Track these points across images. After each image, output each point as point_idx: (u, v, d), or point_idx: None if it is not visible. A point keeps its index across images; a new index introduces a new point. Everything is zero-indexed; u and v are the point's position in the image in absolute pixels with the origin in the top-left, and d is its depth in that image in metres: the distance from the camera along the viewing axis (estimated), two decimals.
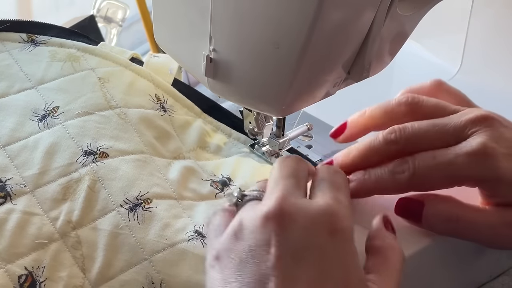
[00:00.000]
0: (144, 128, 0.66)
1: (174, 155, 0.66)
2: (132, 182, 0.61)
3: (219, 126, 0.72)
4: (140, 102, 0.68)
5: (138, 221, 0.59)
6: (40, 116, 0.64)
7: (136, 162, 0.63)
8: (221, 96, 0.62)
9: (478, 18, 0.86)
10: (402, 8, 0.58)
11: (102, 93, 0.67)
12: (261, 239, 0.48)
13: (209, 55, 0.58)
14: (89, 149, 0.62)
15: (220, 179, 0.66)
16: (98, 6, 0.93)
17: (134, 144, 0.64)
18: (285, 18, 0.52)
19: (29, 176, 0.60)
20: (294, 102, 0.59)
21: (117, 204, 0.59)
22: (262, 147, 0.69)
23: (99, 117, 0.64)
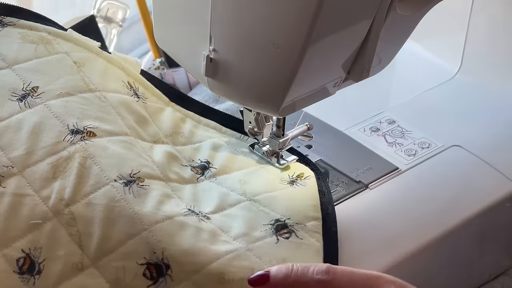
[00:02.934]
0: (125, 112, 0.66)
1: (153, 140, 0.67)
2: (123, 161, 0.61)
3: (188, 114, 0.72)
4: (116, 87, 0.68)
5: (134, 195, 0.58)
6: (20, 96, 0.63)
7: (123, 143, 0.62)
8: (221, 96, 0.62)
9: (478, 18, 0.86)
10: (402, 8, 0.58)
11: (80, 76, 0.66)
12: None
13: (209, 55, 0.58)
14: (76, 127, 0.61)
15: (199, 164, 0.66)
16: (98, 6, 0.93)
17: (118, 126, 0.64)
18: (285, 18, 0.52)
19: (16, 157, 0.59)
20: (294, 102, 0.59)
21: (111, 179, 0.59)
22: (262, 147, 0.69)
23: (81, 99, 0.64)
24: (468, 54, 0.88)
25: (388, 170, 0.73)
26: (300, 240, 0.60)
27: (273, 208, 0.62)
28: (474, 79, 0.87)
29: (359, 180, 0.71)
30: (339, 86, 0.62)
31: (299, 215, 0.62)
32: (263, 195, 0.64)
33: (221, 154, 0.68)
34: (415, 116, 0.82)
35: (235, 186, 0.65)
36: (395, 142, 0.78)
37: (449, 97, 0.86)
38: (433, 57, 0.91)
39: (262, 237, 0.59)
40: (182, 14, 0.60)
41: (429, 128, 0.80)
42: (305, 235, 0.60)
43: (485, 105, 0.84)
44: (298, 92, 0.58)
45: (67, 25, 0.83)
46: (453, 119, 0.83)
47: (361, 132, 0.79)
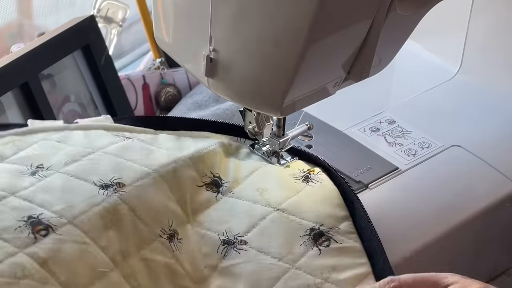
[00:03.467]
0: (130, 154, 0.65)
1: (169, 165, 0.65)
2: (159, 212, 0.60)
3: (181, 133, 0.71)
4: (105, 143, 0.67)
5: (179, 251, 0.59)
6: (30, 172, 0.62)
7: (152, 186, 0.62)
8: (221, 96, 0.62)
9: (478, 18, 0.86)
10: (402, 8, 0.58)
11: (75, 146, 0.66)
12: None
13: (209, 55, 0.58)
14: (103, 182, 0.60)
15: (212, 179, 0.66)
16: (98, 6, 0.93)
17: (135, 170, 0.63)
18: (285, 18, 0.52)
19: (59, 210, 0.57)
20: (294, 102, 0.59)
21: (156, 234, 0.59)
22: (262, 147, 0.69)
23: (87, 161, 0.63)
24: (468, 54, 0.88)
25: (388, 170, 0.73)
26: (340, 244, 0.61)
27: (303, 216, 0.63)
28: (474, 79, 0.87)
29: (359, 180, 0.72)
30: (339, 86, 0.62)
31: (330, 218, 0.63)
32: (287, 202, 0.64)
33: (229, 165, 0.68)
34: (415, 116, 0.82)
35: (256, 197, 0.65)
36: (395, 142, 0.78)
37: (449, 97, 0.86)
38: (433, 57, 0.91)
39: (304, 252, 0.60)
40: (182, 14, 0.60)
41: (429, 128, 0.80)
42: (342, 238, 0.62)
43: (485, 105, 0.85)
44: (298, 92, 0.58)
45: (67, 25, 0.83)
46: (453, 119, 0.83)
47: (361, 132, 0.79)
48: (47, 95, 0.82)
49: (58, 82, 0.85)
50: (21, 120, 0.80)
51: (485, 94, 0.86)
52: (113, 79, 0.89)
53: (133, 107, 0.92)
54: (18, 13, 1.13)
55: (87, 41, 0.85)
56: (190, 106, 0.92)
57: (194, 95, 0.94)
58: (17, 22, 1.13)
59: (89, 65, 0.87)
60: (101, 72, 0.87)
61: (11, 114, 0.79)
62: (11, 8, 1.11)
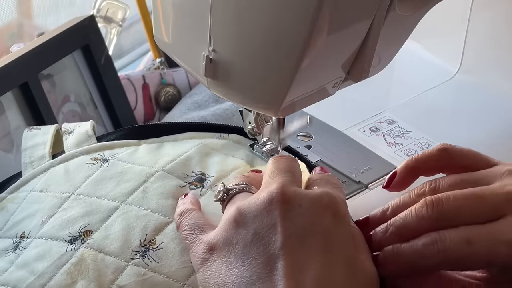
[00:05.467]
0: (100, 185, 0.64)
1: (141, 182, 0.64)
2: (128, 235, 0.60)
3: (163, 139, 0.70)
4: (80, 178, 0.67)
5: (156, 261, 0.58)
6: (14, 246, 0.63)
7: (120, 217, 0.61)
8: (221, 96, 0.62)
9: (478, 18, 0.86)
10: (402, 8, 0.58)
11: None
12: (266, 222, 0.51)
13: (208, 56, 0.58)
14: (71, 236, 0.60)
15: (196, 177, 0.65)
16: (98, 6, 0.93)
17: (104, 205, 0.62)
18: (285, 18, 0.52)
19: (31, 283, 0.58)
20: (293, 102, 0.59)
21: (127, 259, 0.58)
22: (262, 147, 0.69)
23: (61, 212, 0.62)
24: (468, 54, 0.88)
25: (388, 170, 0.73)
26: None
27: None
28: (474, 79, 0.87)
29: (359, 180, 0.72)
30: (339, 87, 0.62)
31: None
32: None
33: (212, 160, 0.67)
34: (415, 116, 0.82)
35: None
36: (395, 142, 0.78)
37: (449, 97, 0.86)
38: (433, 57, 0.91)
39: None
40: (181, 15, 0.60)
41: (429, 128, 0.80)
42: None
43: (485, 105, 0.85)
44: (297, 93, 0.58)
45: (67, 25, 0.83)
46: (453, 119, 0.83)
47: (361, 132, 0.79)
48: (47, 95, 0.82)
49: (58, 82, 0.85)
50: (21, 120, 0.80)
51: (485, 94, 0.86)
52: (113, 79, 0.89)
53: (133, 107, 0.92)
54: (18, 13, 1.13)
55: (87, 41, 0.85)
56: (190, 106, 0.92)
57: (194, 95, 0.94)
58: (17, 22, 1.13)
59: (89, 65, 0.87)
60: (101, 72, 0.87)
61: (11, 114, 0.79)
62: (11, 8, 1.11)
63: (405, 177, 0.57)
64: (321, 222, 0.51)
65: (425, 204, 0.51)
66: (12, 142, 0.79)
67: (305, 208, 0.51)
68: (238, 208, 0.53)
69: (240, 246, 0.51)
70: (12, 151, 0.79)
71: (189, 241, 0.56)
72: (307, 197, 0.52)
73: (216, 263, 0.52)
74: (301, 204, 0.51)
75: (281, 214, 0.51)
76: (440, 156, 0.56)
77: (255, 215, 0.52)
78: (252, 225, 0.51)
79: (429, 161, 0.56)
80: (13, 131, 0.79)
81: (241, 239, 0.52)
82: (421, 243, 0.50)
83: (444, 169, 0.56)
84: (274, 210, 0.51)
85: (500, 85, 0.85)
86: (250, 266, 0.50)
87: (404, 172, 0.57)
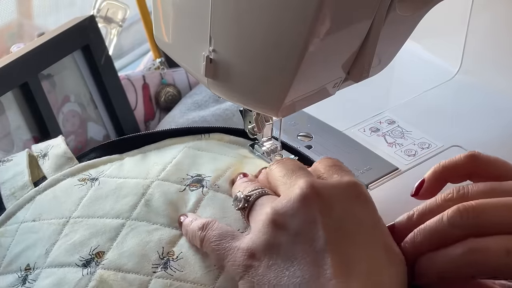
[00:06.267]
0: (99, 204, 0.63)
1: (141, 195, 0.63)
2: (145, 250, 0.59)
3: (144, 149, 0.69)
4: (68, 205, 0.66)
5: (180, 270, 0.58)
6: (21, 281, 0.62)
7: (131, 233, 0.60)
8: (221, 96, 0.62)
9: (478, 18, 0.86)
10: (402, 9, 0.58)
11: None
12: (306, 219, 0.51)
13: (208, 56, 0.58)
14: (84, 259, 0.59)
15: (193, 179, 0.64)
16: (98, 6, 0.93)
17: (108, 223, 0.61)
18: (285, 18, 0.52)
19: None
20: (293, 102, 0.59)
21: (149, 273, 0.58)
22: (262, 147, 0.69)
23: (64, 239, 0.61)
24: (468, 54, 0.88)
25: (388, 171, 0.73)
26: None
27: None
28: (474, 79, 0.87)
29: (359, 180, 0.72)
30: (339, 87, 0.62)
31: None
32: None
33: (202, 160, 0.67)
34: (415, 116, 0.82)
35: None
36: (395, 142, 0.78)
37: (449, 97, 0.86)
38: (433, 57, 0.91)
39: None
40: (181, 15, 0.60)
41: (429, 128, 0.80)
42: None
43: (485, 105, 0.85)
44: (298, 93, 0.58)
45: (67, 25, 0.83)
46: (453, 119, 0.83)
47: (361, 132, 0.79)
48: (47, 95, 0.82)
49: (58, 82, 0.85)
50: (21, 120, 0.80)
51: (485, 94, 0.86)
52: (113, 79, 0.89)
53: (133, 107, 0.92)
54: (18, 13, 1.13)
55: (87, 41, 0.85)
56: (190, 106, 0.92)
57: (194, 95, 0.94)
58: (17, 22, 1.13)
59: (89, 65, 0.87)
60: (101, 72, 0.87)
61: (11, 114, 0.79)
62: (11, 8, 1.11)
63: (433, 185, 0.57)
64: (356, 210, 0.52)
65: (458, 212, 0.50)
66: (12, 142, 0.79)
67: (337, 198, 0.52)
68: (274, 209, 0.52)
69: (284, 247, 0.51)
70: (12, 151, 0.79)
71: (223, 251, 0.55)
72: (338, 188, 0.52)
73: (262, 267, 0.51)
74: (332, 195, 0.52)
75: (319, 208, 0.51)
76: (468, 163, 0.55)
77: (292, 214, 0.51)
78: (292, 224, 0.51)
79: (457, 168, 0.56)
80: (13, 131, 0.79)
81: (283, 240, 0.51)
82: (458, 252, 0.49)
83: (472, 176, 0.56)
84: (311, 205, 0.51)
85: (500, 85, 0.85)
86: (299, 265, 0.50)
87: (432, 179, 0.57)
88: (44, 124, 0.81)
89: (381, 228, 0.52)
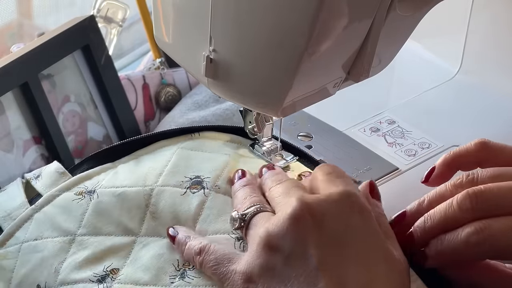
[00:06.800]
0: (101, 220, 0.63)
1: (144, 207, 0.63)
2: (157, 264, 0.59)
3: (135, 155, 0.69)
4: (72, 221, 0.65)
5: (197, 277, 0.57)
6: None
7: (140, 248, 0.61)
8: (221, 96, 0.62)
9: (478, 18, 0.86)
10: (402, 8, 0.58)
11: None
12: (297, 239, 0.50)
13: (209, 56, 0.58)
14: (98, 276, 0.59)
15: (192, 180, 0.64)
16: (98, 6, 0.93)
17: (117, 239, 0.61)
18: (285, 18, 0.52)
19: None
20: (294, 102, 0.59)
21: (167, 284, 0.58)
22: (262, 147, 0.69)
23: (72, 257, 0.61)
24: (468, 54, 0.88)
25: (388, 171, 0.73)
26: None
27: None
28: (474, 79, 0.87)
29: (359, 180, 0.71)
30: (339, 87, 0.62)
31: None
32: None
33: (197, 161, 0.66)
34: (415, 116, 0.82)
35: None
36: (395, 142, 0.78)
37: (449, 97, 0.86)
38: (433, 57, 0.91)
39: None
40: (181, 15, 0.60)
41: (429, 128, 0.80)
42: None
43: (485, 105, 0.85)
44: (298, 93, 0.58)
45: (67, 25, 0.83)
46: (453, 119, 0.83)
47: (361, 132, 0.79)
48: (47, 95, 0.82)
49: (58, 82, 0.85)
50: (21, 120, 0.80)
51: (485, 94, 0.86)
52: (113, 79, 0.89)
53: (133, 107, 0.92)
54: (18, 13, 1.13)
55: (87, 41, 0.85)
56: (190, 106, 0.92)
57: (194, 95, 0.94)
58: (17, 22, 1.13)
59: (89, 65, 0.87)
60: (101, 72, 0.87)
61: (11, 114, 0.79)
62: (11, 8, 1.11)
63: (443, 171, 0.57)
64: (351, 223, 0.51)
65: (467, 196, 0.51)
66: (12, 142, 0.79)
67: (330, 214, 0.51)
68: (266, 231, 0.52)
69: (278, 269, 0.51)
70: (12, 151, 0.79)
71: (221, 276, 0.55)
72: (330, 201, 0.52)
73: None
74: (326, 211, 0.51)
75: (310, 227, 0.50)
76: (479, 150, 0.56)
77: (284, 235, 0.51)
78: (285, 246, 0.51)
79: (468, 155, 0.56)
80: (13, 131, 0.79)
81: (277, 262, 0.51)
82: (465, 232, 0.50)
83: (482, 163, 0.56)
84: (302, 224, 0.51)
85: (501, 85, 0.85)
86: (293, 286, 0.50)
87: (443, 166, 0.57)
88: (44, 124, 0.81)
89: (378, 236, 0.52)
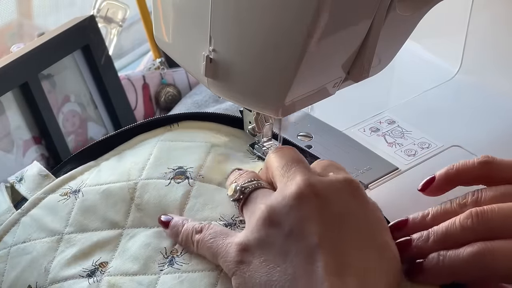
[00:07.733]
0: (93, 215, 0.63)
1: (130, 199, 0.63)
2: (145, 254, 0.59)
3: (119, 150, 0.69)
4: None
5: (186, 263, 0.57)
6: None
7: (127, 240, 0.61)
8: (221, 96, 0.62)
9: (478, 18, 0.86)
10: (402, 8, 0.58)
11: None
12: (301, 217, 0.51)
13: (208, 56, 0.58)
14: (87, 271, 0.59)
15: (176, 171, 0.64)
16: (98, 6, 0.93)
17: (105, 234, 0.61)
18: (285, 18, 0.52)
19: None
20: (293, 102, 0.59)
21: (156, 272, 0.58)
22: (262, 147, 0.69)
23: (60, 255, 0.61)
24: (468, 54, 0.88)
25: (388, 170, 0.73)
26: None
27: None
28: (474, 79, 0.87)
29: (359, 180, 0.71)
30: (339, 86, 0.62)
31: None
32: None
33: (178, 152, 0.66)
34: (415, 116, 0.82)
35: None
36: (395, 142, 0.78)
37: (449, 97, 0.86)
38: (433, 57, 0.91)
39: None
40: (181, 14, 0.60)
41: (429, 128, 0.80)
42: None
43: (485, 105, 0.84)
44: (298, 93, 0.58)
45: (67, 26, 0.83)
46: (453, 119, 0.83)
47: (361, 132, 0.79)
48: (47, 95, 0.82)
49: (58, 82, 0.85)
50: (21, 120, 0.80)
51: (485, 94, 0.86)
52: (113, 79, 0.89)
53: (133, 107, 0.92)
54: (18, 13, 1.13)
55: (87, 41, 0.85)
56: (190, 106, 0.92)
57: (194, 95, 0.94)
58: (17, 22, 1.14)
59: (89, 65, 0.87)
60: (101, 72, 0.87)
61: (11, 114, 0.79)
62: (11, 8, 1.11)
63: (442, 185, 0.57)
64: (352, 208, 0.52)
65: (470, 216, 0.51)
66: (12, 142, 0.79)
67: (333, 196, 0.52)
68: (269, 206, 0.53)
69: (277, 244, 0.51)
70: (12, 151, 0.79)
71: (216, 248, 0.55)
72: (334, 184, 0.53)
73: (254, 263, 0.52)
74: (330, 192, 0.52)
75: (314, 206, 0.51)
76: (482, 169, 0.56)
77: (288, 211, 0.52)
78: (287, 222, 0.51)
79: (470, 172, 0.56)
80: (13, 131, 0.79)
81: (277, 237, 0.51)
82: (468, 251, 0.50)
83: (484, 181, 0.56)
84: (306, 203, 0.51)
85: (500, 85, 0.85)
86: (292, 262, 0.50)
87: (443, 179, 0.57)
88: (44, 124, 0.81)
89: (377, 224, 0.53)
